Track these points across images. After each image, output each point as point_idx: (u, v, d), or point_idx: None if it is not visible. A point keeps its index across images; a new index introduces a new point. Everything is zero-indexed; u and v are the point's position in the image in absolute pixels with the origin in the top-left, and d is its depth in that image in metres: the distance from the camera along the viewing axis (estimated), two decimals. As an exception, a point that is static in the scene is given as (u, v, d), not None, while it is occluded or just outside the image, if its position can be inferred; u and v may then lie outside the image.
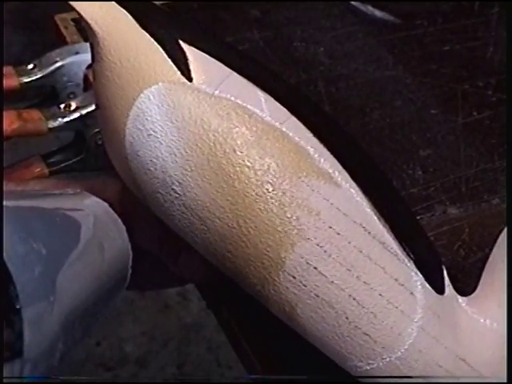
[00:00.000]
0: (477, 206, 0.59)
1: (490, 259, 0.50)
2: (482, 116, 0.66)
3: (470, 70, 0.71)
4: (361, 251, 0.42)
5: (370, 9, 0.76)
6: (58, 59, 0.66)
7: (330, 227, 0.42)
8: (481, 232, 0.57)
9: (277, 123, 0.42)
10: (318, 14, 0.76)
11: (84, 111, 0.62)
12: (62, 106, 0.62)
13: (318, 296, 0.42)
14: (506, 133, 0.63)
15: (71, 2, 0.43)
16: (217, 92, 0.42)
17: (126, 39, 0.43)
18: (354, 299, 0.42)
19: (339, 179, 0.43)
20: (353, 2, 0.77)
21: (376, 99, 0.67)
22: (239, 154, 0.41)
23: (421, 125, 0.65)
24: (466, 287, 0.49)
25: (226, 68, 0.43)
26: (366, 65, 0.71)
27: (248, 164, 0.41)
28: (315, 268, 0.42)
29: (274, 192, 0.41)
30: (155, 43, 0.43)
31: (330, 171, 0.43)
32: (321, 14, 0.76)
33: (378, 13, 0.76)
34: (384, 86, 0.69)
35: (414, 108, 0.67)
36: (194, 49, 0.43)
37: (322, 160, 0.43)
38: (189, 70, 0.42)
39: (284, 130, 0.42)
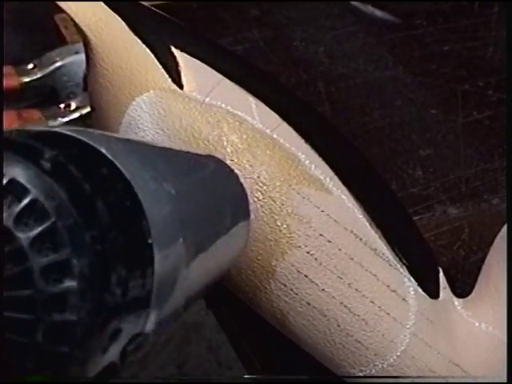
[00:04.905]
0: (477, 206, 0.59)
1: (486, 262, 0.50)
2: (482, 116, 0.66)
3: (470, 70, 0.71)
4: (352, 258, 0.42)
5: (370, 9, 0.76)
6: (57, 59, 0.66)
7: (321, 235, 0.42)
8: (481, 232, 0.57)
9: (268, 130, 0.42)
10: (318, 14, 0.76)
11: (84, 111, 0.62)
12: (62, 105, 0.62)
13: (309, 304, 0.42)
14: (505, 133, 0.63)
15: (65, 8, 0.43)
16: (207, 99, 0.42)
17: (118, 46, 0.43)
18: (346, 306, 0.42)
19: (330, 186, 0.43)
20: (353, 2, 0.76)
21: (376, 99, 0.67)
22: (229, 162, 0.41)
23: (421, 125, 0.65)
24: (465, 287, 0.49)
25: (217, 74, 0.43)
26: (366, 65, 0.71)
27: (238, 172, 0.41)
28: (306, 276, 0.42)
29: (265, 200, 0.41)
30: (147, 50, 0.43)
31: (321, 178, 0.43)
32: (321, 14, 0.76)
33: (378, 13, 0.76)
34: (384, 86, 0.69)
35: (414, 108, 0.67)
36: (185, 55, 0.43)
37: (313, 167, 0.43)
38: (180, 77, 0.42)
39: (275, 136, 0.42)
